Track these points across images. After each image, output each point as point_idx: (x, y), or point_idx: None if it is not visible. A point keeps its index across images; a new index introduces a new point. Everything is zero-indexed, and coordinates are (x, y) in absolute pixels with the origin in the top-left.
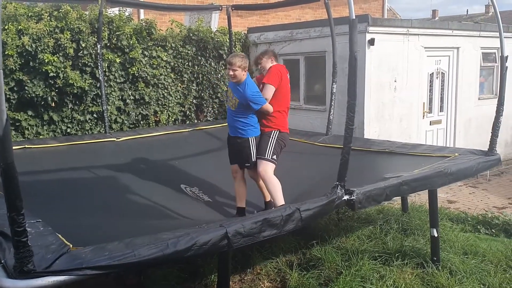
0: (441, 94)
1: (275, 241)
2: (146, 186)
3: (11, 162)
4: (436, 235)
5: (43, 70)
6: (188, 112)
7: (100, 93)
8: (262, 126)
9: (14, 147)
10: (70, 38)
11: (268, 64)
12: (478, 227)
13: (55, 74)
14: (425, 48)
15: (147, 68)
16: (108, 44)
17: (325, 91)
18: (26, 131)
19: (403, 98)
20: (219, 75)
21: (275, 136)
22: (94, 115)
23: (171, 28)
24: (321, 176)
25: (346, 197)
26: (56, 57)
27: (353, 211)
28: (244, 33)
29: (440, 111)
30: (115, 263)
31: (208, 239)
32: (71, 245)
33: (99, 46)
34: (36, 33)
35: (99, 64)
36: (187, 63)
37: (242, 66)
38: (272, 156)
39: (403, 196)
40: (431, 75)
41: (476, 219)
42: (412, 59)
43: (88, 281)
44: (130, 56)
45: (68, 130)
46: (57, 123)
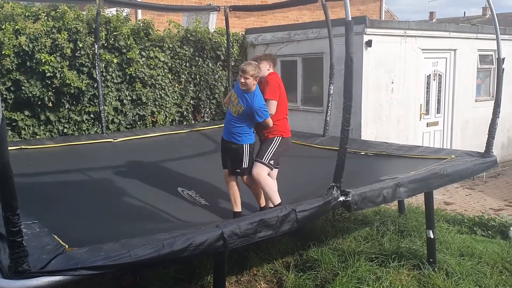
0: (438, 96)
1: (271, 242)
2: (143, 188)
3: (6, 162)
4: (432, 236)
5: (40, 70)
6: (185, 112)
7: (97, 94)
8: (266, 133)
9: (10, 148)
10: (67, 38)
11: (265, 68)
12: (475, 228)
13: (52, 74)
14: (422, 50)
15: (144, 68)
16: (105, 45)
17: (322, 93)
18: (23, 131)
19: (400, 99)
20: (216, 76)
21: (277, 142)
22: (91, 116)
23: (169, 29)
24: (318, 177)
25: (342, 198)
26: (53, 57)
27: (349, 213)
28: (242, 34)
29: (437, 113)
30: (110, 263)
31: (204, 240)
32: (66, 246)
33: (96, 46)
34: (33, 33)
35: (96, 64)
36: (184, 64)
37: (254, 75)
38: (269, 161)
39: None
40: (428, 77)
41: (472, 220)
42: (409, 60)
43: (84, 282)
44: (128, 57)
45: (65, 130)
46: (54, 123)
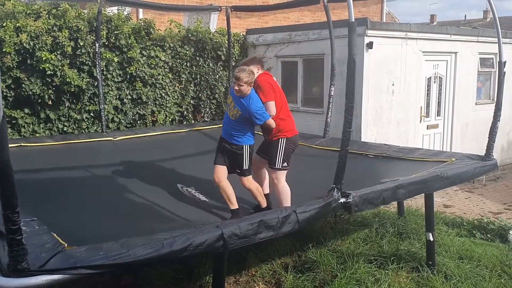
0: (438, 99)
1: (270, 243)
2: (142, 186)
3: (6, 159)
4: (431, 239)
5: (41, 68)
6: (185, 112)
7: (97, 92)
8: (271, 136)
9: (10, 145)
10: (68, 37)
11: (255, 71)
12: (474, 231)
13: (52, 72)
14: (423, 52)
15: (145, 67)
16: (106, 43)
17: (323, 94)
18: (23, 129)
19: (400, 102)
20: (217, 76)
21: (283, 143)
22: (91, 114)
23: (170, 28)
24: (318, 178)
25: (342, 200)
26: (54, 55)
27: (350, 214)
28: (242, 35)
29: (437, 116)
30: (110, 263)
31: (204, 240)
32: (66, 244)
33: (97, 45)
34: (34, 30)
35: (97, 63)
36: (185, 64)
37: (248, 82)
38: (282, 164)
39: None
40: (429, 79)
41: (471, 223)
42: (410, 63)
43: (83, 281)
44: (128, 56)
45: (65, 129)
46: (53, 122)
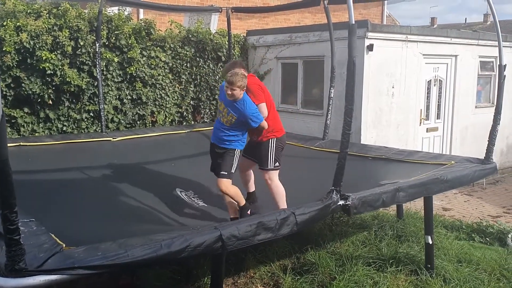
0: (438, 102)
1: (269, 244)
2: (141, 188)
3: (5, 159)
4: (430, 242)
5: (41, 67)
6: (185, 113)
7: (97, 92)
8: (260, 136)
9: (9, 144)
10: (69, 36)
11: None
12: (473, 235)
13: (52, 72)
14: (423, 55)
15: (145, 68)
16: (106, 43)
17: (322, 96)
18: (22, 128)
19: (400, 104)
20: (217, 77)
21: (273, 144)
22: (91, 114)
23: (170, 29)
24: (317, 180)
25: (341, 202)
26: (54, 54)
27: (349, 217)
28: (243, 36)
29: (437, 118)
30: (108, 263)
31: (202, 241)
32: (64, 245)
33: (97, 44)
34: (34, 30)
35: (97, 63)
36: (185, 64)
37: (241, 86)
38: (274, 164)
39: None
40: (429, 82)
41: (470, 227)
42: (410, 65)
43: (81, 281)
44: (129, 56)
45: (64, 128)
46: (53, 121)
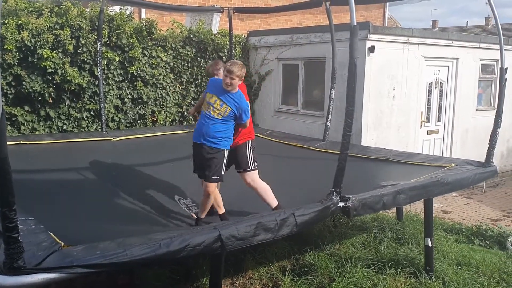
0: (439, 104)
1: (268, 245)
2: (140, 189)
3: (5, 157)
4: (430, 245)
5: (42, 65)
6: (185, 113)
7: (98, 91)
8: (237, 138)
9: (9, 143)
10: (70, 35)
11: (221, 75)
12: (472, 238)
13: (53, 70)
14: (424, 57)
15: (146, 67)
16: (108, 42)
17: (323, 97)
18: (22, 126)
19: (401, 106)
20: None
21: (250, 145)
22: (91, 113)
23: (172, 29)
24: (317, 181)
25: (341, 204)
26: (55, 53)
27: (348, 218)
28: (244, 36)
29: (437, 121)
30: (106, 262)
31: (202, 241)
32: (62, 243)
33: (99, 43)
34: (36, 28)
35: (98, 62)
36: (186, 64)
37: (240, 76)
38: (254, 165)
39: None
40: (430, 84)
41: (470, 230)
42: (411, 68)
43: (79, 280)
44: (130, 55)
45: (65, 127)
46: (53, 119)
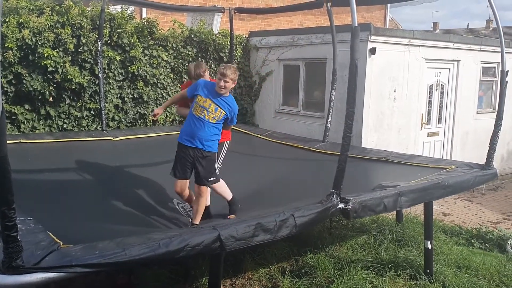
0: (439, 106)
1: (267, 246)
2: (139, 190)
3: (4, 155)
4: (430, 247)
5: (42, 64)
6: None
7: (98, 90)
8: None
9: (9, 141)
10: (71, 34)
11: (207, 77)
12: (472, 241)
13: (54, 69)
14: (425, 59)
15: (147, 67)
16: (108, 42)
17: (324, 98)
18: (22, 125)
19: (402, 108)
20: None
21: (226, 146)
22: (92, 112)
23: (173, 28)
24: (316, 182)
25: (341, 206)
26: (56, 51)
27: (348, 220)
28: (245, 37)
29: (438, 123)
30: (105, 262)
31: (201, 241)
32: (61, 243)
33: (99, 43)
34: (37, 27)
35: (99, 61)
36: (187, 64)
37: (233, 78)
38: (220, 166)
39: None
40: (431, 86)
41: (470, 233)
42: (412, 70)
43: (78, 279)
44: (131, 55)
45: (65, 126)
46: (53, 118)
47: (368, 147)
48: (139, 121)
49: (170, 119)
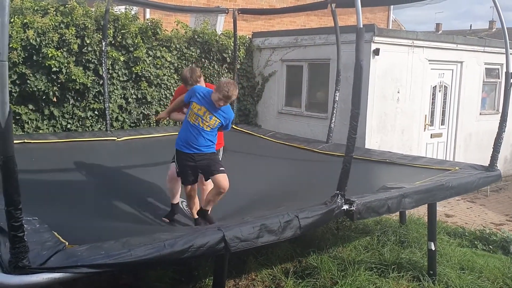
0: (443, 108)
1: (271, 247)
2: (143, 190)
3: (11, 155)
4: (433, 248)
5: (46, 64)
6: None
7: (102, 91)
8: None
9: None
10: (75, 34)
11: (202, 82)
12: (476, 242)
13: (58, 69)
14: (429, 60)
15: (150, 68)
16: (113, 42)
17: (327, 99)
18: (26, 125)
19: (405, 109)
20: (221, 78)
21: (221, 152)
22: (95, 112)
23: (176, 29)
24: (320, 183)
25: (345, 207)
26: (60, 52)
27: (352, 222)
28: (248, 37)
29: (441, 124)
30: (111, 262)
31: (206, 242)
32: (66, 243)
33: (104, 43)
34: (41, 27)
35: (103, 61)
36: (190, 65)
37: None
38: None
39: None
40: (434, 88)
41: (473, 234)
42: (416, 71)
43: (82, 279)
44: (134, 55)
45: (69, 126)
46: (57, 118)
47: (371, 148)
48: (142, 121)
49: (173, 120)
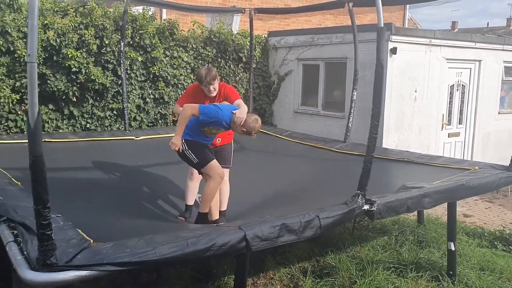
0: (460, 107)
1: (289, 246)
2: (162, 188)
3: (40, 155)
4: (453, 248)
5: (66, 65)
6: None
7: (121, 91)
8: (228, 140)
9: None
10: (94, 35)
11: (216, 84)
12: (495, 243)
13: (77, 70)
14: (446, 59)
15: (168, 68)
16: (131, 42)
17: (344, 98)
18: (46, 125)
19: (423, 109)
20: (237, 77)
21: (232, 147)
22: (114, 112)
23: (193, 29)
24: (339, 183)
25: (366, 207)
26: (80, 52)
27: (371, 221)
28: (264, 37)
29: (459, 124)
30: (136, 260)
31: (227, 241)
32: (91, 240)
33: (122, 44)
34: (61, 28)
35: (122, 61)
36: (207, 65)
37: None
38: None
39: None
40: (452, 87)
41: (493, 234)
42: (433, 70)
43: (102, 277)
44: (152, 56)
45: (88, 125)
46: (77, 118)
47: (388, 147)
48: (160, 121)
49: None
